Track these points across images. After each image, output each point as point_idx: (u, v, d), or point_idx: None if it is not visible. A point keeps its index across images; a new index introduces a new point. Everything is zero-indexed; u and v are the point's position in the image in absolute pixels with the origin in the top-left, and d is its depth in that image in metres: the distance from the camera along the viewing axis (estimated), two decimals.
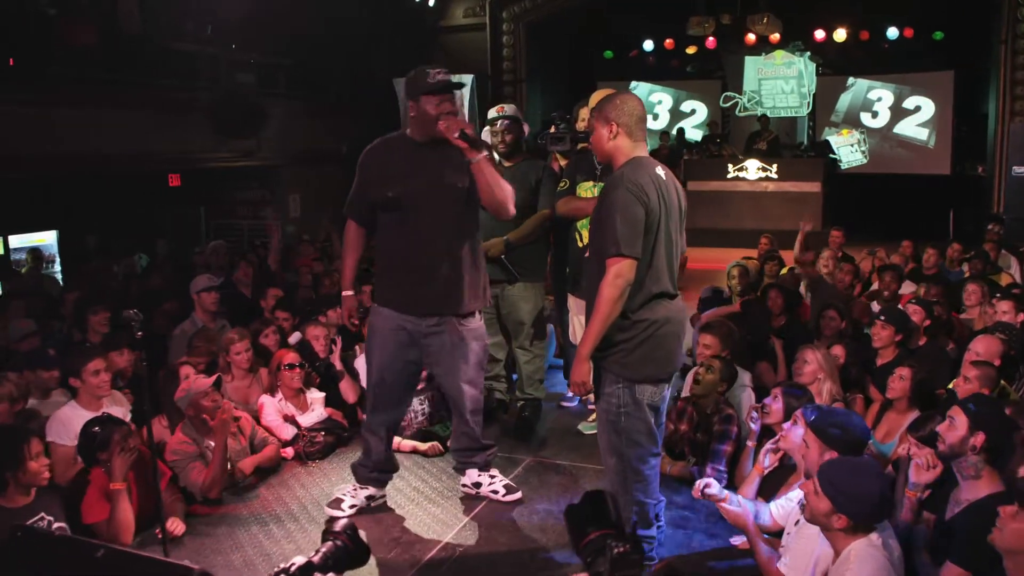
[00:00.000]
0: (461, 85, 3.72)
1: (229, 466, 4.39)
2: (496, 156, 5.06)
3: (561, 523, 3.81)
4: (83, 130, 8.70)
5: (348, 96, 12.89)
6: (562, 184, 4.83)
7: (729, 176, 12.53)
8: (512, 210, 3.74)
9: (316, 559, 1.92)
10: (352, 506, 3.90)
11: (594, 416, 5.09)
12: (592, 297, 4.38)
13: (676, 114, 15.54)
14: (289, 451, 4.74)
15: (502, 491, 4.09)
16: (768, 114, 13.66)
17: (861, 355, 4.91)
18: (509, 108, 5.08)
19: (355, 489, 4.00)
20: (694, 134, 15.03)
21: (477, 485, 4.12)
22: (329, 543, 1.98)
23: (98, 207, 10.16)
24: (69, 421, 4.16)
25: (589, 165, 4.75)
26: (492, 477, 4.14)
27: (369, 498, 3.99)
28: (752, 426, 3.96)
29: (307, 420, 4.89)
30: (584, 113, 4.92)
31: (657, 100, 15.63)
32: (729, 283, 6.62)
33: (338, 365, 5.17)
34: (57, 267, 10.29)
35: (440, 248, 3.69)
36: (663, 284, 3.09)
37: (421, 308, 3.72)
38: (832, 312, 5.49)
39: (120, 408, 4.56)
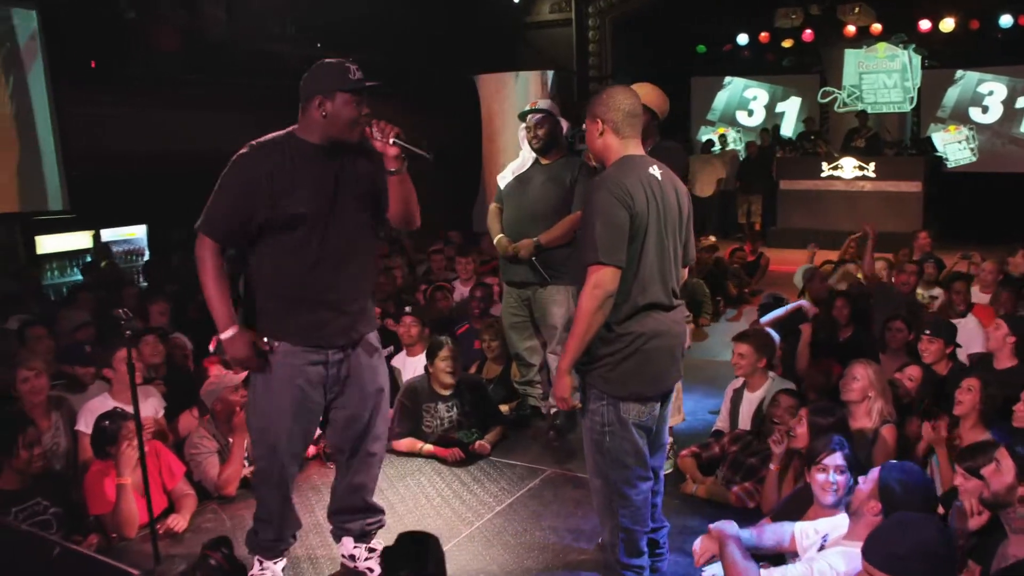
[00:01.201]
0: (380, 89, 3.18)
1: (247, 464, 4.39)
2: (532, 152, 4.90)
3: (563, 542, 3.63)
4: (170, 128, 9.04)
5: (430, 94, 12.94)
6: None
7: (823, 175, 11.87)
8: (418, 221, 3.25)
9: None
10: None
11: None
12: None
13: (771, 110, 14.88)
14: (312, 449, 4.70)
15: (377, 571, 3.37)
16: (869, 110, 12.86)
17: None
18: (543, 102, 4.89)
19: (262, 567, 3.24)
20: (789, 131, 14.34)
21: (352, 558, 3.45)
22: (202, 560, 1.88)
23: (185, 202, 10.55)
24: (97, 411, 4.23)
25: None
26: (371, 551, 3.43)
27: (283, 569, 3.34)
28: (775, 449, 3.65)
29: None
30: None
31: (752, 96, 15.01)
32: (802, 289, 6.23)
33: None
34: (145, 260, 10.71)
35: (353, 269, 3.17)
36: (653, 295, 2.83)
37: (334, 339, 3.15)
38: (898, 323, 5.05)
39: (154, 401, 4.64)
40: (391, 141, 2.97)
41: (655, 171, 2.88)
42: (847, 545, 2.65)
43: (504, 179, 5.00)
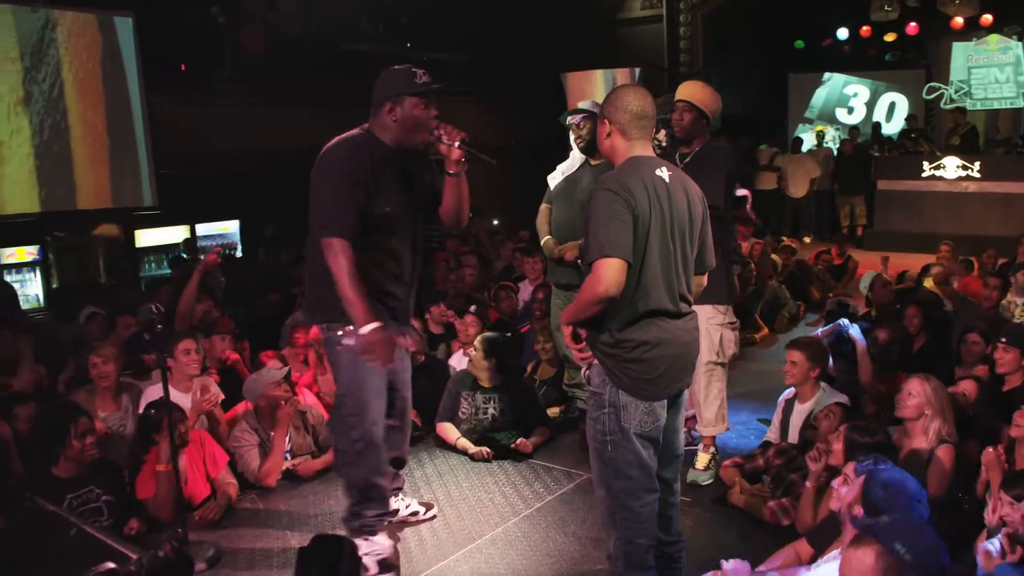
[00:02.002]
0: (446, 90, 3.32)
1: (289, 458, 4.50)
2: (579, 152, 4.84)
3: (583, 551, 3.57)
4: (257, 127, 9.38)
5: (518, 92, 12.95)
6: None
7: (924, 175, 11.21)
8: (466, 219, 3.55)
9: (130, 568, 1.86)
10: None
11: None
12: None
13: (873, 107, 14.21)
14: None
15: (421, 510, 3.93)
16: (979, 106, 12.09)
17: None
18: (585, 102, 4.80)
19: (370, 542, 3.43)
20: (894, 128, 13.66)
21: (394, 512, 3.77)
22: (151, 552, 1.92)
23: (276, 198, 10.93)
24: (153, 399, 4.42)
25: (670, 163, 4.37)
26: (403, 498, 3.92)
27: (391, 546, 3.53)
28: (811, 466, 3.46)
29: None
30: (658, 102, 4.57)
31: (853, 92, 14.39)
32: (867, 295, 5.91)
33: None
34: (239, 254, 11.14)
35: (415, 263, 3.46)
36: (657, 301, 2.71)
37: (403, 325, 3.45)
38: (974, 336, 4.73)
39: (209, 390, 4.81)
40: (456, 144, 3.11)
41: (663, 173, 2.77)
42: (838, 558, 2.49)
43: (554, 179, 4.95)
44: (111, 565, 1.81)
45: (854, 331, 4.64)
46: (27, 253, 9.75)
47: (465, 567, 3.46)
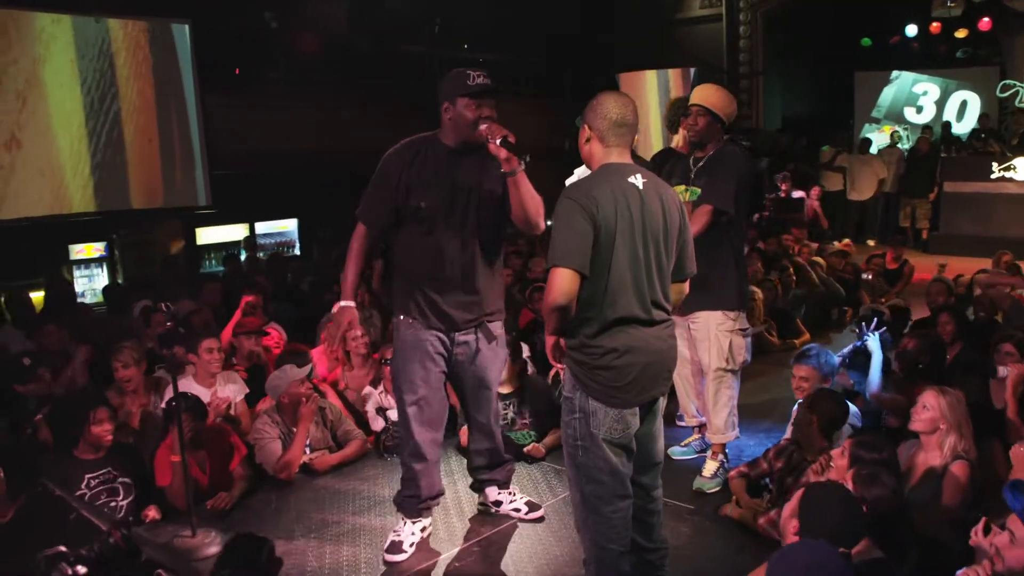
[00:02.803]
0: (497, 91, 3.40)
1: (308, 452, 4.63)
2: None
3: (575, 557, 3.55)
4: (310, 129, 9.65)
5: (574, 91, 12.96)
6: None
7: (993, 177, 10.79)
8: (543, 225, 3.38)
9: (80, 551, 1.96)
10: (412, 544, 3.62)
11: (688, 440, 4.69)
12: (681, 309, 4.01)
13: (944, 106, 13.68)
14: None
15: (524, 508, 3.91)
16: None
17: None
18: None
19: (409, 525, 3.68)
20: (966, 128, 13.13)
21: (497, 504, 3.95)
22: (102, 538, 2.02)
23: (331, 198, 11.21)
24: None
25: (684, 168, 4.34)
26: (512, 495, 3.96)
27: (423, 529, 3.73)
28: (812, 478, 3.39)
29: (396, 415, 4.99)
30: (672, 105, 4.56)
31: (922, 91, 13.88)
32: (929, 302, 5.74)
33: None
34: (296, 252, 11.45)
35: (468, 261, 3.49)
36: (626, 308, 2.70)
37: (449, 322, 3.53)
38: (1007, 346, 4.53)
39: (233, 386, 4.98)
40: (498, 141, 3.17)
41: (636, 180, 2.76)
42: None
43: (570, 182, 4.95)
44: (62, 549, 1.92)
45: (872, 342, 4.50)
46: (94, 250, 10.24)
47: (455, 568, 3.51)
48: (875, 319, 5.21)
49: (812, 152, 12.38)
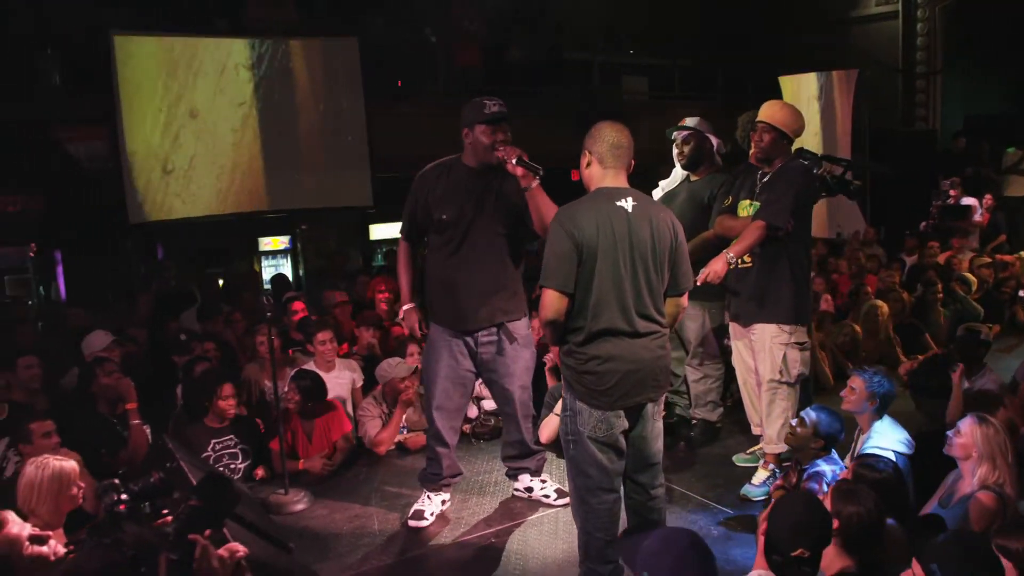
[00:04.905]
0: (505, 117, 3.77)
1: (404, 432, 5.21)
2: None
3: None
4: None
5: (738, 94, 12.80)
6: (727, 201, 4.60)
7: None
8: None
9: (130, 485, 2.56)
10: (432, 514, 4.12)
11: (753, 449, 4.80)
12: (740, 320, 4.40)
13: None
14: (466, 428, 5.36)
15: (553, 495, 4.22)
16: None
17: None
18: (691, 120, 4.99)
19: (430, 497, 4.18)
20: None
21: (529, 490, 4.30)
22: (145, 477, 2.61)
23: None
24: None
25: (752, 183, 4.47)
26: (543, 482, 4.30)
27: (443, 502, 4.22)
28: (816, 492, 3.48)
29: (489, 404, 5.46)
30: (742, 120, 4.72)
31: None
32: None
33: None
34: None
35: (487, 270, 3.88)
36: (608, 320, 2.99)
37: (472, 325, 3.93)
38: None
39: (350, 373, 5.65)
40: (513, 161, 3.60)
41: (625, 203, 3.02)
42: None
43: (656, 195, 5.18)
44: (115, 480, 2.55)
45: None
46: (280, 242, 11.55)
47: (477, 537, 3.93)
48: (977, 337, 5.04)
49: (996, 156, 11.49)
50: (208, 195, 9.64)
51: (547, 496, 4.26)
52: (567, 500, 4.12)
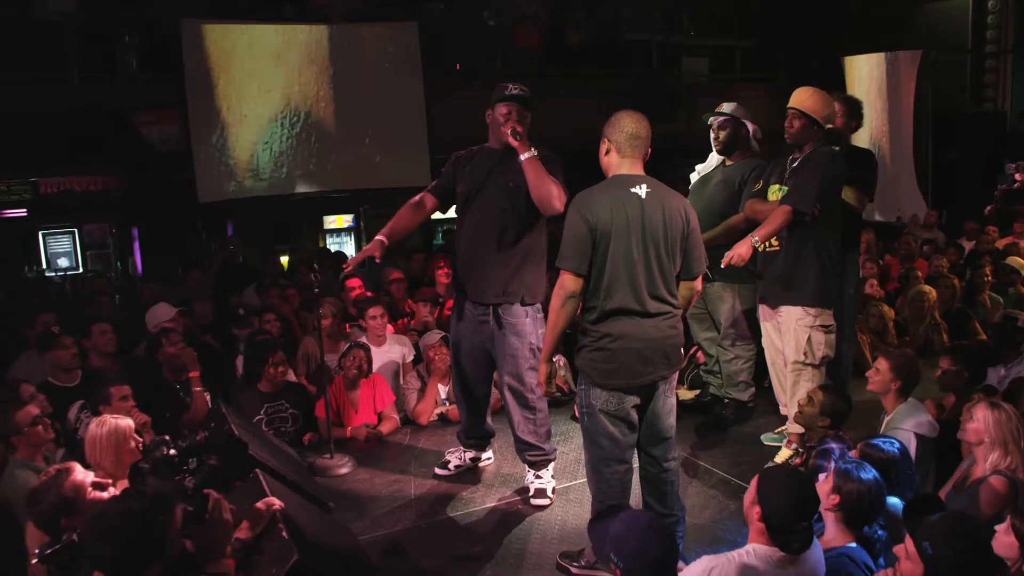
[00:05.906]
0: (521, 98, 3.95)
1: (447, 404, 5.47)
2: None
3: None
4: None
5: (802, 75, 12.63)
6: (757, 186, 4.70)
7: None
8: (559, 207, 3.79)
9: (181, 443, 2.87)
10: (457, 466, 4.53)
11: (780, 428, 4.91)
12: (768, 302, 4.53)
13: None
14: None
15: (532, 492, 4.19)
16: None
17: None
18: (727, 106, 5.08)
19: (461, 452, 4.58)
20: None
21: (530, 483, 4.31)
22: (193, 435, 2.91)
23: None
24: None
25: (783, 168, 4.56)
26: (538, 478, 4.23)
27: (474, 459, 4.56)
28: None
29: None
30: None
31: None
32: None
33: None
34: None
35: (485, 241, 4.04)
36: (621, 300, 3.15)
37: (476, 295, 4.12)
38: None
39: (400, 348, 5.92)
40: (508, 133, 3.84)
41: (640, 190, 3.18)
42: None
43: (693, 178, 5.30)
44: (166, 437, 2.86)
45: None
46: (344, 220, 11.94)
47: (497, 516, 4.10)
48: (1015, 323, 5.03)
49: None
50: (275, 175, 10.07)
51: (526, 490, 4.24)
52: (542, 501, 4.15)
